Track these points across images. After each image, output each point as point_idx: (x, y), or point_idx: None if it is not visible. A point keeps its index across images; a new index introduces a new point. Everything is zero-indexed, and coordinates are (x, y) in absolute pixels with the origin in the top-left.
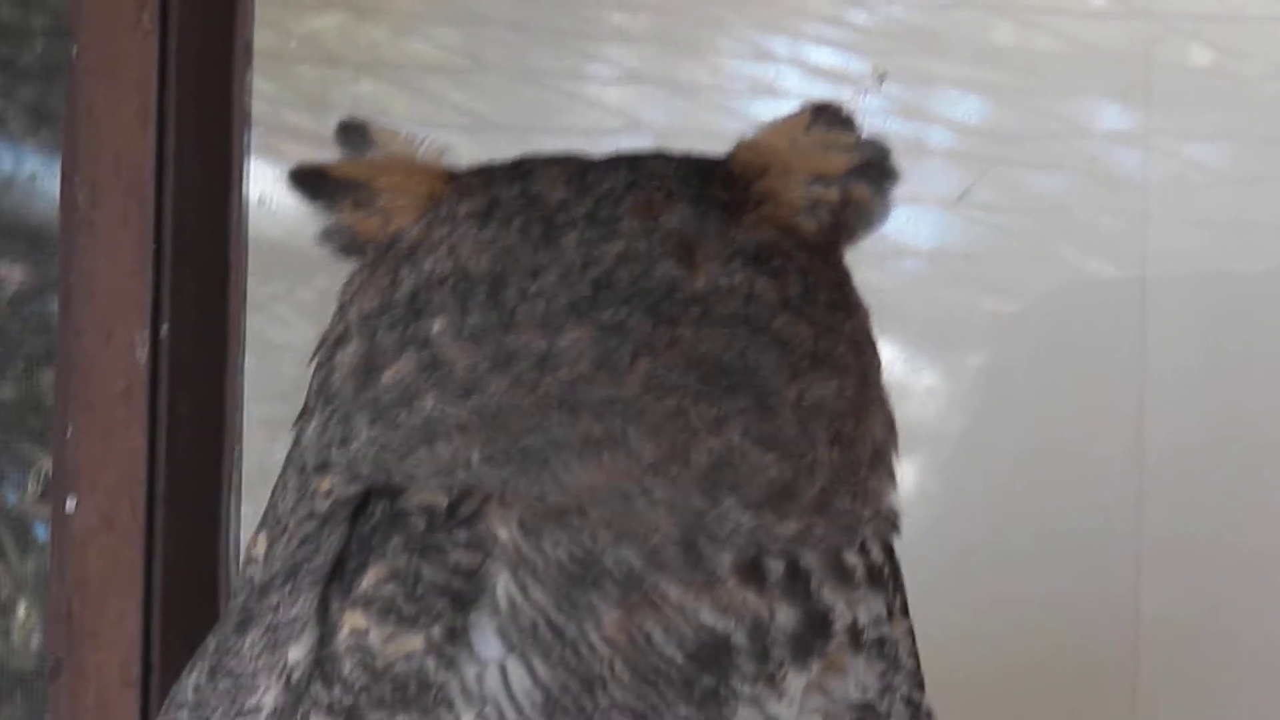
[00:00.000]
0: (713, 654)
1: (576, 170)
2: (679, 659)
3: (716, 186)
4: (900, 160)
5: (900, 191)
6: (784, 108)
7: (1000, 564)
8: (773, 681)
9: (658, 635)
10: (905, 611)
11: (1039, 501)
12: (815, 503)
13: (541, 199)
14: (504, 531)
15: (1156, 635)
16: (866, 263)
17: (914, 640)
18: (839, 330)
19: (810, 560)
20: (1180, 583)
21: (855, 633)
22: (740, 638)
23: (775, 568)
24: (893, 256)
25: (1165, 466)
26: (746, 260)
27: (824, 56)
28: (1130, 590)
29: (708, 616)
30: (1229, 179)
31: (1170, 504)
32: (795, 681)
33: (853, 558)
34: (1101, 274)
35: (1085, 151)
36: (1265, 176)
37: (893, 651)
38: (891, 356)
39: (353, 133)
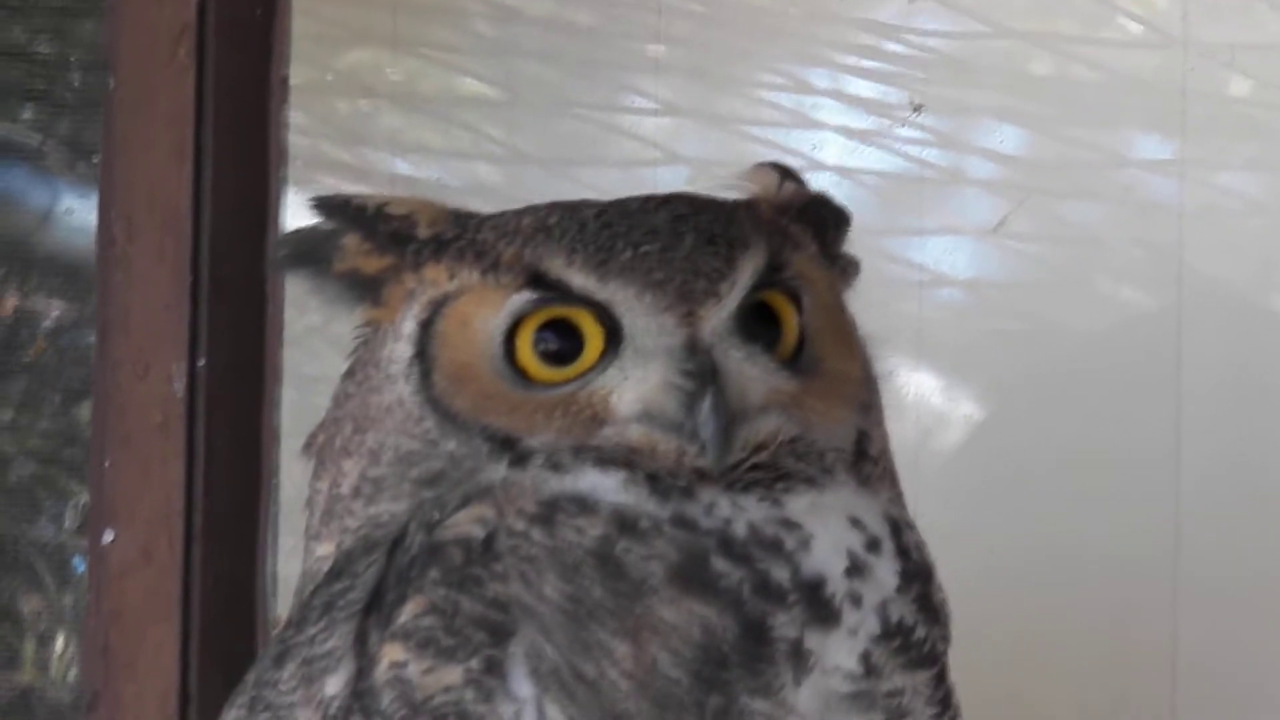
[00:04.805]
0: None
1: None
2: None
3: None
4: (938, 190)
5: (938, 222)
6: (821, 138)
7: (1039, 590)
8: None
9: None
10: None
11: (1077, 527)
12: None
13: None
14: None
15: (1192, 670)
16: (905, 292)
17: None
18: None
19: None
20: (1217, 620)
21: None
22: None
23: None
24: (930, 286)
25: (1202, 492)
26: None
27: (861, 87)
28: (1168, 621)
29: None
30: (1264, 208)
31: (1207, 532)
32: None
33: None
34: (1137, 302)
35: (1121, 181)
36: None
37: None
38: (929, 385)
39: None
